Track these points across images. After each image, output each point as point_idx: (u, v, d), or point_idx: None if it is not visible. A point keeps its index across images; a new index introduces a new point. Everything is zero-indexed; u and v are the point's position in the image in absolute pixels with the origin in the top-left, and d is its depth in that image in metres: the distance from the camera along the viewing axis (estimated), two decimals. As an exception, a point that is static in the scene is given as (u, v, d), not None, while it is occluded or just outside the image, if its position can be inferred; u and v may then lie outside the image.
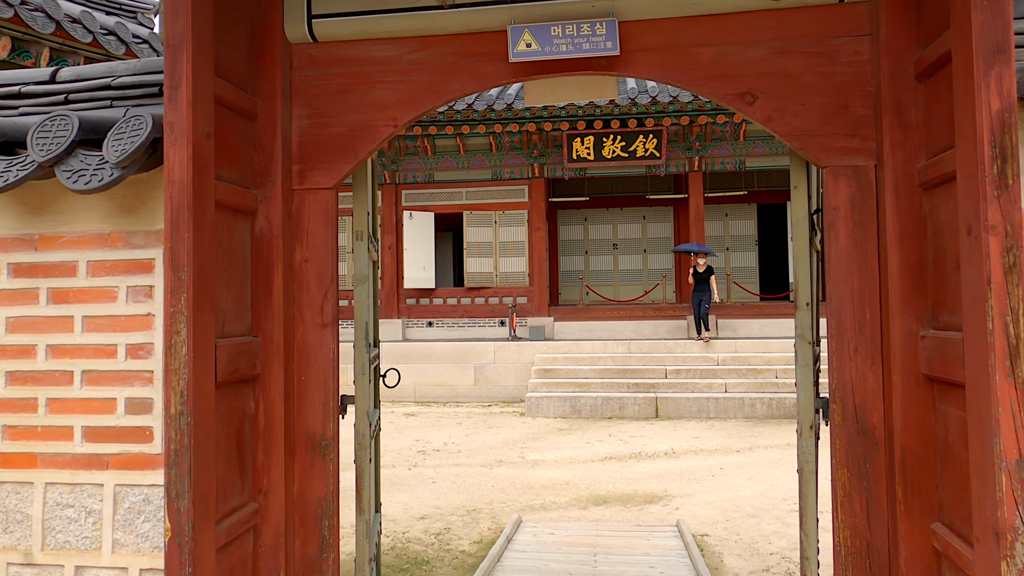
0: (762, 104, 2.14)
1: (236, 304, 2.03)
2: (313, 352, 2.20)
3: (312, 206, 2.25)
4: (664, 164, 14.34)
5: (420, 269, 14.93)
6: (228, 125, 2.03)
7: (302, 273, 2.22)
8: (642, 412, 11.01)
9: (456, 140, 14.78)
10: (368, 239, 2.48)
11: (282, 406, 2.10)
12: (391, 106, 2.25)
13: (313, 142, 2.23)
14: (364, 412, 2.41)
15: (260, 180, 2.16)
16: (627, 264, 17.03)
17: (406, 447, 8.89)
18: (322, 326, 2.22)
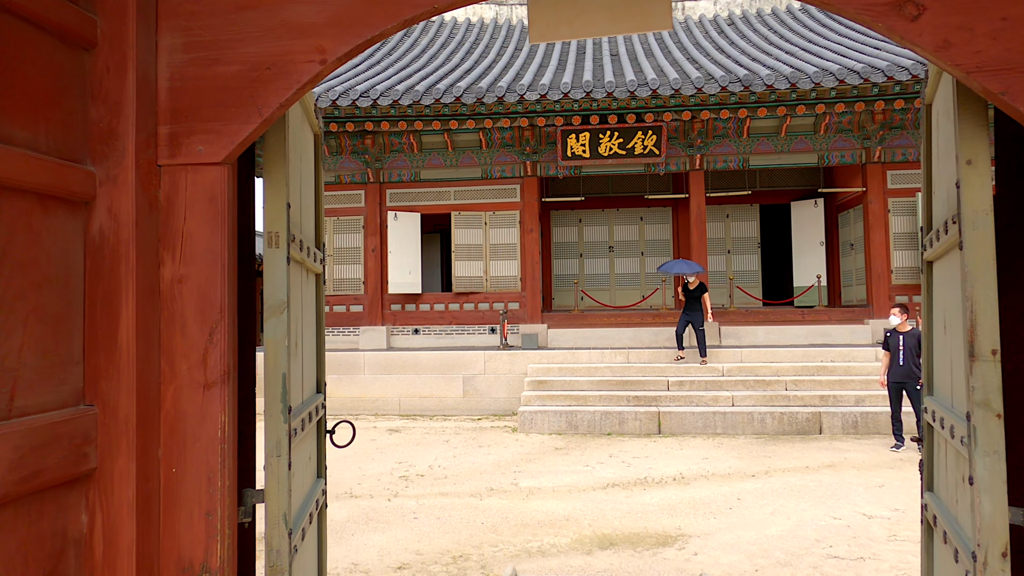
0: (932, 20, 1.31)
1: (46, 355, 1.21)
2: (191, 428, 1.38)
3: (192, 192, 1.42)
4: (663, 162, 13.58)
5: (406, 273, 14.07)
6: (30, 52, 1.21)
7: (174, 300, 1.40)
8: (644, 428, 10.21)
9: (444, 136, 13.94)
10: (289, 244, 1.64)
11: (133, 521, 1.28)
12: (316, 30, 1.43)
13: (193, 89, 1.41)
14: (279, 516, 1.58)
15: (100, 149, 1.34)
16: (624, 267, 16.25)
17: (387, 471, 8.03)
18: (205, 385, 1.40)
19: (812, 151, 13.45)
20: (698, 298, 11.85)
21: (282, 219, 1.58)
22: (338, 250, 14.44)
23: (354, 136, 14.13)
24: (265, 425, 1.61)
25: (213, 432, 1.39)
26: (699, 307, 11.80)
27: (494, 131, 13.82)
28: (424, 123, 12.99)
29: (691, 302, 11.87)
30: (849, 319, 13.24)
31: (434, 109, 12.47)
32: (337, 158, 14.50)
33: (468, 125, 12.93)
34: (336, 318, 14.34)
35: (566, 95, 11.81)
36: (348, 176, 14.48)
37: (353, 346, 14.14)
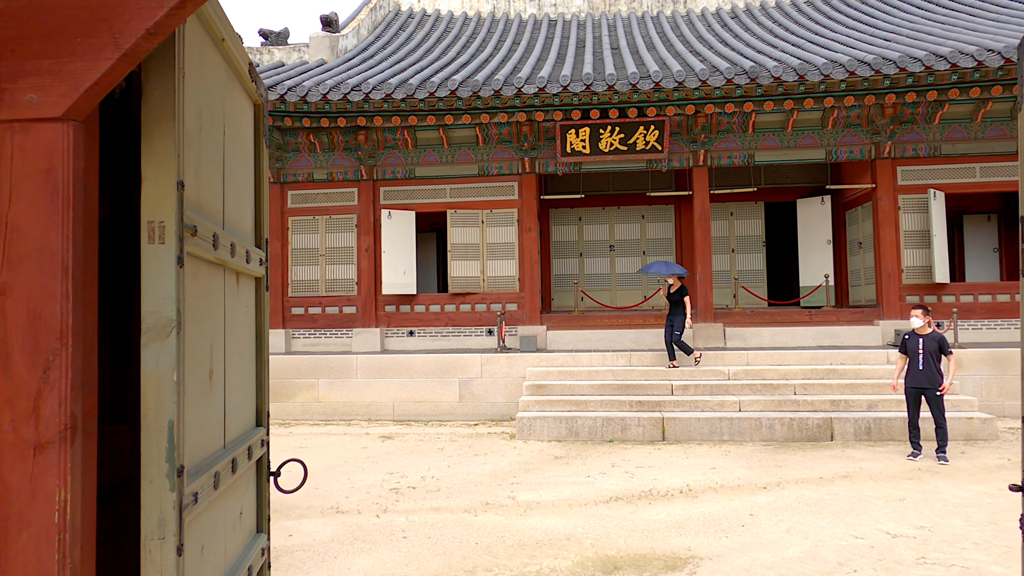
0: None
1: None
2: (15, 510, 0.93)
3: (19, 163, 0.98)
4: (666, 158, 13.16)
5: (400, 273, 13.64)
6: None
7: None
8: (647, 434, 9.79)
9: (439, 132, 13.51)
10: (182, 239, 1.20)
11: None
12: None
13: (15, 10, 0.97)
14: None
15: None
16: (625, 267, 15.82)
17: (377, 483, 7.60)
18: (37, 446, 0.95)
19: (819, 146, 13.03)
20: (679, 301, 11.33)
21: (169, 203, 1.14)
22: (331, 250, 14.00)
23: (346, 132, 13.70)
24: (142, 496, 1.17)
25: (47, 515, 0.94)
26: (681, 310, 11.28)
27: (491, 126, 13.39)
28: (418, 118, 12.55)
29: (673, 306, 11.39)
30: (858, 320, 12.82)
31: (428, 103, 12.04)
32: (329, 154, 14.07)
33: (464, 120, 12.50)
34: (329, 320, 13.91)
35: (565, 88, 11.38)
36: (340, 173, 14.04)
37: (346, 348, 13.71)
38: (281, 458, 9.56)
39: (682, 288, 11.42)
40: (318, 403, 12.29)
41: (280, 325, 13.98)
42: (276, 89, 11.80)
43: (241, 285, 1.59)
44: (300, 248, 14.09)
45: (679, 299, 11.33)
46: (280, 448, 9.72)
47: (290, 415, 12.37)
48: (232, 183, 1.55)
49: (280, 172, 14.15)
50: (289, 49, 14.15)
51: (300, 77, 12.37)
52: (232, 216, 1.53)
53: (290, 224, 14.13)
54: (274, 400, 12.38)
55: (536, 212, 13.62)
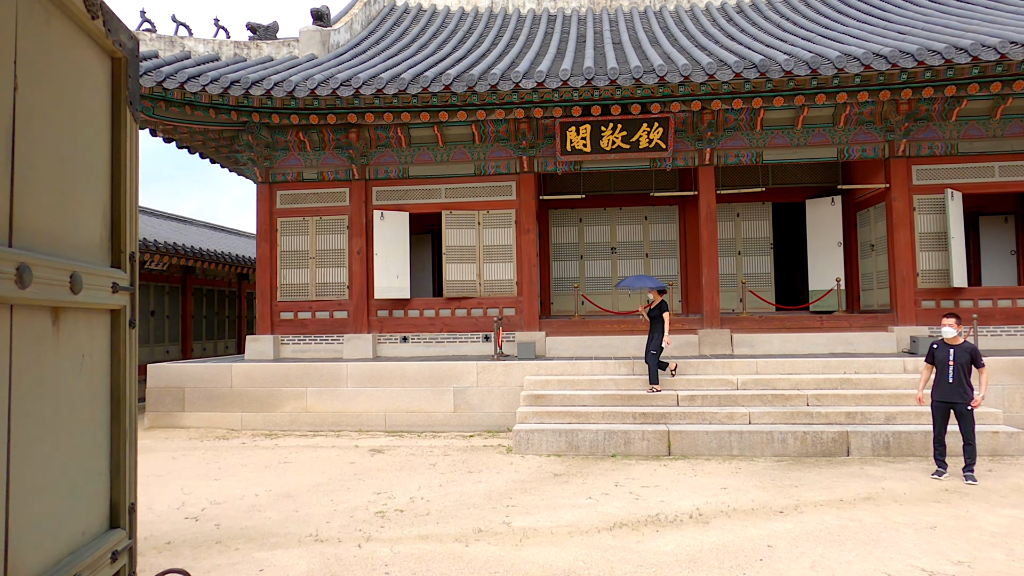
0: None
1: None
2: None
3: None
4: (670, 157, 12.61)
5: (393, 277, 13.08)
6: None
7: None
8: (652, 449, 9.23)
9: (433, 129, 12.97)
10: None
11: None
12: None
13: None
14: None
15: None
16: (627, 270, 15.26)
17: (362, 505, 7.04)
18: None
19: (831, 145, 12.48)
20: (657, 317, 10.47)
21: None
22: (321, 252, 13.46)
23: (337, 129, 13.15)
24: None
25: None
26: (660, 327, 10.38)
27: (488, 123, 12.84)
28: (412, 115, 12.01)
29: (652, 322, 10.55)
30: (872, 326, 12.26)
31: (422, 99, 11.49)
32: (320, 153, 13.52)
33: (459, 117, 11.96)
34: (319, 325, 13.36)
35: (565, 83, 10.83)
36: (331, 172, 13.50)
37: (337, 355, 13.16)
38: (262, 473, 9.00)
39: (662, 303, 10.58)
40: (307, 413, 11.73)
41: (269, 331, 13.43)
42: (262, 84, 11.25)
43: (67, 327, 1.06)
44: (290, 251, 13.54)
45: (658, 315, 10.48)
46: (263, 462, 9.17)
47: (277, 425, 11.82)
48: (50, 169, 1.03)
49: (269, 171, 13.60)
50: (278, 44, 13.61)
51: (287, 72, 11.83)
52: (44, 219, 1.02)
53: (279, 225, 13.58)
54: (261, 409, 11.83)
55: (535, 213, 13.08)
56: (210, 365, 12.11)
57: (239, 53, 13.20)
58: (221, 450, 10.19)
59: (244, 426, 11.89)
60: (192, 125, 12.85)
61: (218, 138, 14.00)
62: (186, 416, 12.04)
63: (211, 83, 11.24)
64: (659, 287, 10.74)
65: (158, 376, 12.19)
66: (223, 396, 11.96)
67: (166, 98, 11.84)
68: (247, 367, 11.98)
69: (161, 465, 9.16)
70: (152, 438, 11.33)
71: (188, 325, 18.93)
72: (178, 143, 14.44)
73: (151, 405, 12.21)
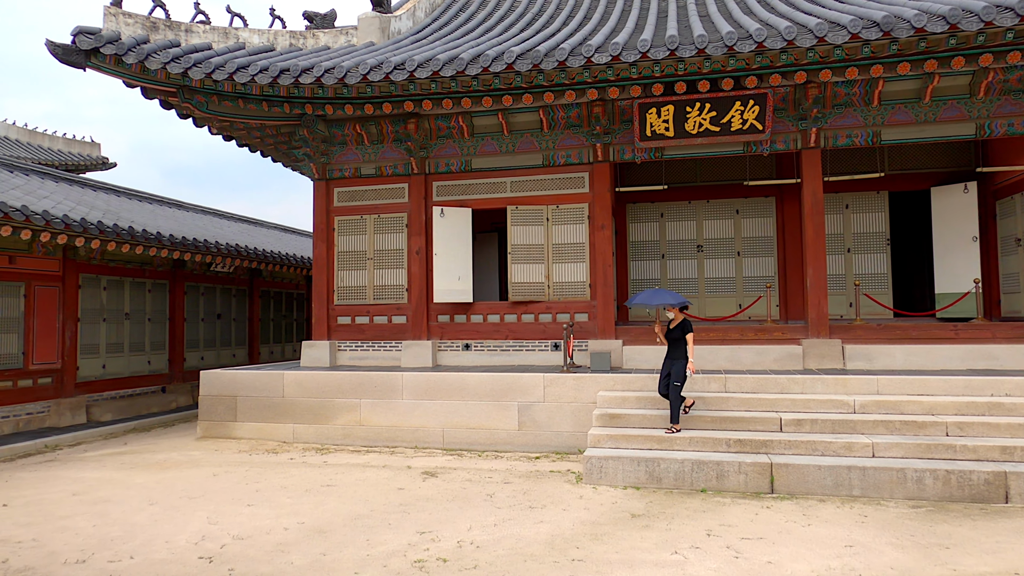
0: None
1: None
2: None
3: None
4: (768, 140, 10.94)
5: (454, 279, 12.03)
6: None
7: None
8: (750, 484, 7.69)
9: (497, 117, 11.83)
10: None
11: None
12: None
13: None
14: None
15: None
16: (716, 271, 13.61)
17: (400, 550, 5.93)
18: None
19: (967, 119, 10.46)
20: (679, 339, 8.67)
21: None
22: (379, 252, 12.58)
23: (395, 120, 12.24)
24: None
25: None
26: (682, 353, 8.61)
27: (557, 108, 11.57)
28: (472, 100, 10.90)
29: (671, 343, 8.73)
30: (1020, 337, 10.15)
31: (483, 82, 10.36)
32: (378, 147, 12.65)
33: (525, 101, 10.74)
34: (377, 331, 12.48)
35: (644, 55, 9.42)
36: (389, 167, 12.60)
37: (396, 363, 12.24)
38: (301, 499, 8.13)
39: (685, 323, 8.75)
40: (360, 426, 10.83)
41: (325, 336, 12.67)
42: (312, 72, 10.44)
43: None
44: (347, 251, 12.74)
45: (679, 337, 8.66)
46: (305, 484, 8.26)
47: (330, 439, 10.98)
48: None
49: (326, 167, 12.86)
50: (336, 33, 12.86)
51: (339, 59, 10.98)
52: None
53: (336, 224, 12.81)
54: (313, 421, 11.04)
55: (610, 207, 11.69)
56: (261, 373, 11.43)
57: (294, 43, 12.52)
58: (267, 467, 9.41)
59: (296, 439, 11.12)
60: (247, 120, 12.26)
61: (276, 134, 13.41)
62: (238, 426, 11.41)
63: (260, 72, 10.53)
64: (680, 303, 8.83)
65: (210, 383, 11.63)
66: (275, 406, 11.25)
67: (218, 91, 11.26)
68: (299, 376, 11.22)
69: (200, 484, 8.42)
70: (202, 449, 10.73)
71: (255, 328, 18.64)
72: (237, 141, 13.97)
73: (204, 414, 11.66)
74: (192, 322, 16.30)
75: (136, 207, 16.13)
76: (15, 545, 6.21)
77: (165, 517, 7.03)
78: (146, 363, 14.88)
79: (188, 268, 16.06)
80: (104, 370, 13.75)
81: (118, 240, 12.40)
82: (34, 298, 12.23)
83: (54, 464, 9.86)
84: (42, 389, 12.36)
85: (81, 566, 5.64)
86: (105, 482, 8.64)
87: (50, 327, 12.53)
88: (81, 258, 13.15)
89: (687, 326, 8.71)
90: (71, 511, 7.32)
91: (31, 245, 12.01)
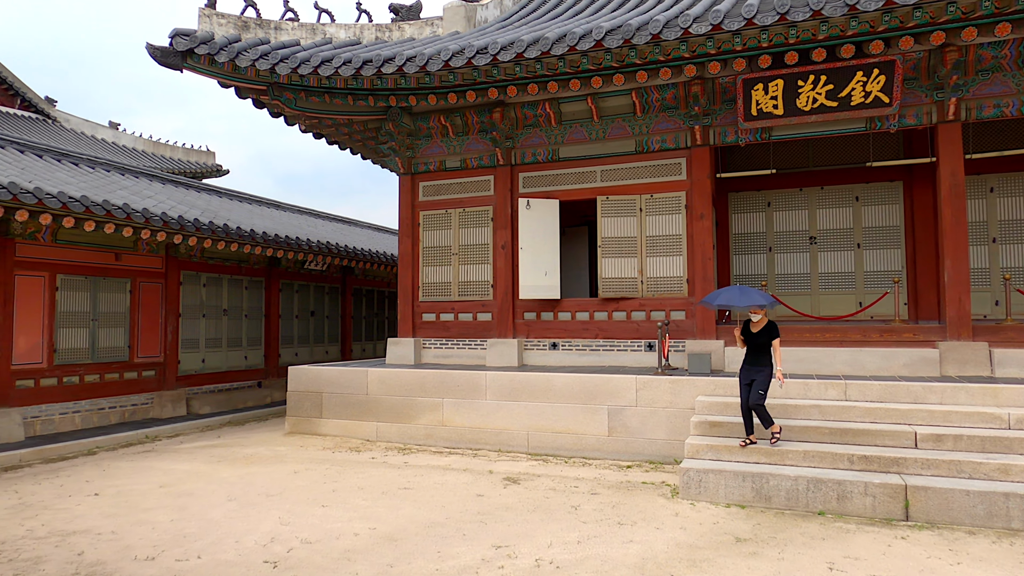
0: None
1: None
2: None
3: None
4: (895, 114, 9.62)
5: (540, 274, 11.43)
6: None
7: None
8: (879, 508, 6.59)
9: (587, 102, 11.13)
10: None
11: None
12: None
13: None
14: None
15: None
16: (832, 265, 12.26)
17: (472, 566, 5.38)
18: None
19: None
20: (764, 345, 7.56)
21: None
22: (464, 248, 12.19)
23: (480, 110, 11.81)
24: None
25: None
26: (767, 360, 7.53)
27: (651, 90, 10.73)
28: (560, 84, 10.26)
29: (755, 349, 7.59)
30: None
31: (570, 63, 9.70)
32: (463, 138, 12.28)
33: (616, 83, 9.99)
34: (462, 328, 12.10)
35: (750, 21, 8.43)
36: (475, 159, 12.19)
37: (480, 362, 11.80)
38: (376, 501, 7.79)
39: (772, 327, 7.60)
40: (443, 427, 10.45)
41: (410, 333, 12.43)
42: (394, 62, 10.17)
43: None
44: (432, 246, 12.44)
45: (765, 342, 7.55)
46: (383, 486, 7.93)
47: (413, 439, 10.67)
48: None
49: (411, 161, 12.63)
50: (421, 24, 12.62)
51: (422, 47, 10.66)
52: None
53: (421, 219, 12.54)
54: (396, 420, 10.77)
55: (710, 195, 10.71)
56: (345, 369, 11.30)
57: (380, 36, 12.37)
58: (348, 465, 9.19)
59: (379, 437, 10.90)
60: (335, 116, 12.22)
61: (363, 129, 13.33)
62: (324, 423, 11.34)
63: (344, 65, 10.38)
64: (771, 304, 7.63)
65: (297, 379, 11.64)
66: (359, 403, 11.08)
67: (305, 87, 11.25)
68: (382, 373, 10.99)
69: (279, 481, 8.28)
70: (288, 445, 10.71)
71: (348, 325, 18.86)
72: (327, 138, 14.03)
73: (291, 410, 11.69)
74: (287, 319, 16.64)
75: (235, 207, 16.66)
76: (95, 537, 6.19)
77: (240, 515, 6.86)
78: (243, 358, 15.28)
79: (283, 266, 16.40)
80: (203, 364, 14.20)
81: (214, 237, 12.71)
82: (139, 294, 12.76)
83: (150, 455, 10.11)
84: (146, 381, 12.86)
85: (149, 563, 5.49)
86: (192, 475, 8.68)
87: (153, 322, 13.03)
88: (182, 255, 13.62)
89: (775, 330, 7.59)
90: (154, 503, 7.31)
91: (135, 243, 12.52)
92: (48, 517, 6.83)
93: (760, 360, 7.54)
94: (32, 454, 9.79)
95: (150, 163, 24.19)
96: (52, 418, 11.21)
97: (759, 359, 7.55)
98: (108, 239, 11.97)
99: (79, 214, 10.23)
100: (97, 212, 10.37)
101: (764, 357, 7.55)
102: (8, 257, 10.60)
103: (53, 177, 11.27)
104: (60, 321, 11.42)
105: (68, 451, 10.26)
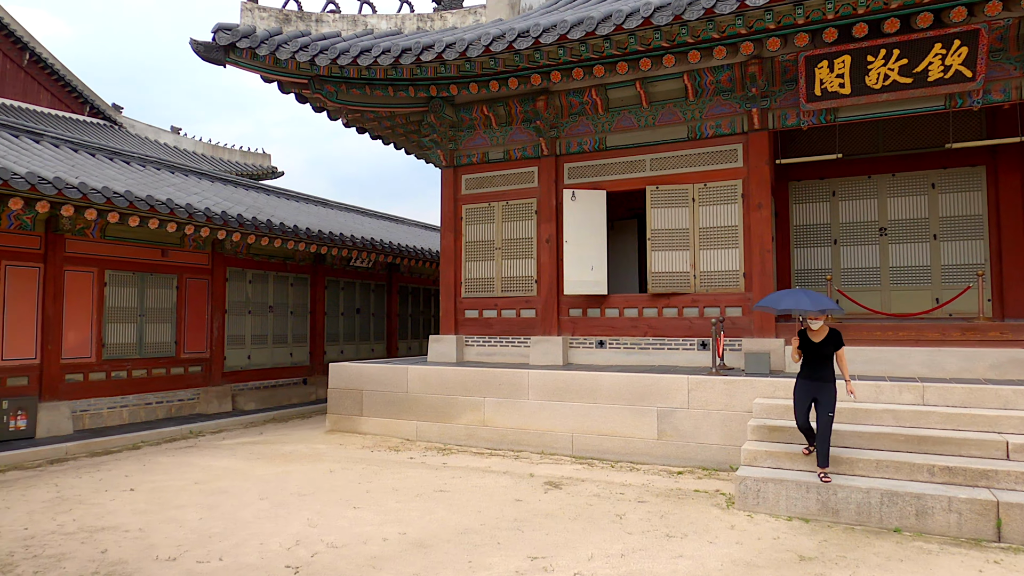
0: None
1: None
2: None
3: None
4: (979, 90, 8.72)
5: (586, 269, 10.91)
6: None
7: None
8: (965, 527, 5.85)
9: (635, 87, 10.56)
10: None
11: None
12: None
13: None
14: None
15: None
16: (904, 258, 11.33)
17: (506, 578, 4.95)
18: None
19: None
20: (829, 356, 6.66)
21: None
22: (508, 242, 11.79)
23: (523, 99, 11.38)
24: None
25: None
26: (830, 374, 6.63)
27: (704, 72, 10.08)
28: (606, 68, 9.75)
29: (816, 362, 6.68)
30: None
31: (617, 44, 9.17)
32: (506, 129, 11.87)
33: (666, 64, 9.40)
34: (505, 325, 11.69)
35: (814, -10, 7.73)
36: (518, 150, 11.77)
37: (524, 360, 11.37)
38: (409, 504, 7.42)
39: (835, 335, 6.71)
40: (484, 427, 10.06)
41: (452, 330, 12.10)
42: (433, 49, 9.85)
43: None
44: (474, 241, 12.08)
45: (828, 352, 6.66)
46: (418, 488, 7.59)
47: (453, 439, 10.32)
48: None
49: (453, 153, 12.30)
50: (463, 13, 12.27)
51: (462, 33, 10.30)
52: None
53: (464, 213, 12.20)
54: (437, 419, 10.45)
55: (769, 184, 9.99)
56: (386, 367, 11.04)
57: (422, 26, 12.08)
58: (385, 465, 8.90)
59: (419, 436, 10.60)
60: (376, 108, 12.00)
61: (405, 122, 13.09)
62: (364, 421, 11.11)
63: (383, 54, 10.12)
64: (827, 308, 6.61)
65: (338, 376, 11.46)
66: (399, 402, 10.81)
67: (345, 78, 11.06)
68: (423, 371, 10.68)
69: (313, 480, 8.04)
70: (327, 443, 10.52)
71: (393, 323, 18.72)
72: (370, 132, 13.85)
73: (332, 407, 11.51)
74: (332, 316, 16.59)
75: (281, 204, 16.71)
76: (121, 535, 6.03)
77: (269, 515, 6.62)
78: (288, 355, 15.28)
79: (328, 263, 16.35)
80: (249, 361, 14.23)
81: (258, 233, 12.68)
82: (185, 290, 12.84)
83: (192, 450, 10.06)
84: (192, 377, 12.94)
85: (170, 564, 5.27)
86: (229, 472, 8.54)
87: (200, 318, 13.10)
88: (228, 252, 13.66)
89: (840, 339, 6.71)
90: (186, 501, 7.16)
91: (181, 239, 12.60)
92: (81, 512, 6.74)
93: (823, 374, 6.65)
94: (78, 447, 9.88)
95: (208, 165, 24.69)
96: (100, 412, 11.34)
97: (821, 372, 6.65)
98: (155, 235, 12.07)
99: (123, 209, 10.28)
100: (141, 207, 10.41)
101: (827, 370, 6.66)
102: (58, 252, 10.76)
103: (102, 174, 11.41)
104: (108, 316, 11.56)
105: (113, 445, 10.33)
